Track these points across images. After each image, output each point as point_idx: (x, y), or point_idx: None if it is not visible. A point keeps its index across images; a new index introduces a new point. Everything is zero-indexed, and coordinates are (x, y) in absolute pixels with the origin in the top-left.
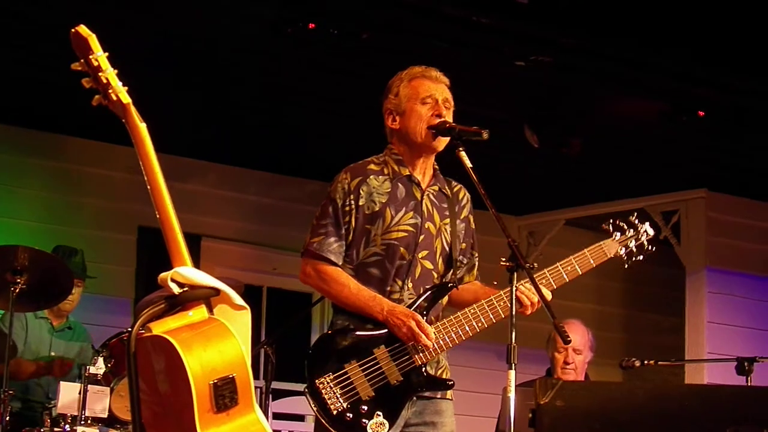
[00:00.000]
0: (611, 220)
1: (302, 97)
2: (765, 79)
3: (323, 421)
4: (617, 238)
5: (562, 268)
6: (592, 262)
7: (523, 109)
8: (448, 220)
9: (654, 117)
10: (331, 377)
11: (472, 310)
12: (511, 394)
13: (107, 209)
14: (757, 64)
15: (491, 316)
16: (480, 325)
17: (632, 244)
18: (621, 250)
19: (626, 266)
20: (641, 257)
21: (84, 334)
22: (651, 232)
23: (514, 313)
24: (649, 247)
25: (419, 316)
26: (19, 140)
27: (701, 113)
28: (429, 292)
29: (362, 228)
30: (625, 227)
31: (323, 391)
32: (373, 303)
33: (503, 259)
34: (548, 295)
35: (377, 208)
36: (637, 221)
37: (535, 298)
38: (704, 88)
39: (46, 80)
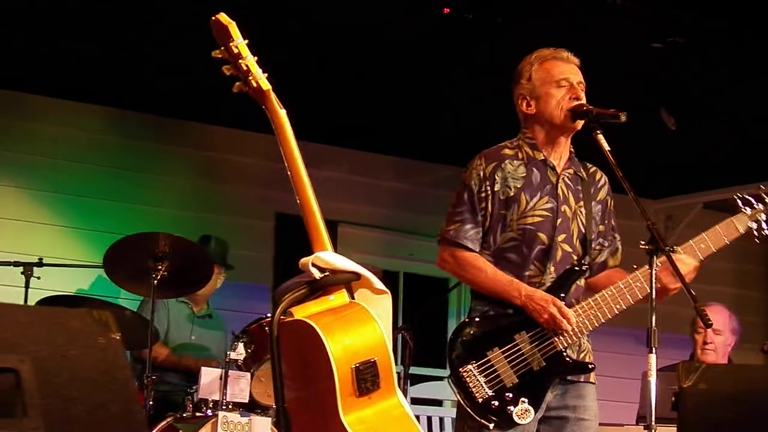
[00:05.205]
0: (739, 195)
1: (436, 83)
2: None
3: (469, 409)
4: (747, 212)
5: (696, 245)
6: (725, 238)
7: (660, 91)
8: (582, 203)
9: None
10: (475, 365)
11: (609, 292)
12: (652, 378)
13: (246, 196)
14: None
15: (629, 297)
16: (618, 306)
17: (762, 217)
18: (752, 224)
19: (757, 240)
20: None
21: (222, 324)
22: None
23: (654, 296)
24: None
25: (559, 301)
26: (160, 129)
27: None
28: (565, 275)
29: (498, 214)
30: (754, 201)
31: (467, 379)
32: (510, 287)
33: (642, 242)
34: (686, 270)
35: (512, 194)
36: (765, 195)
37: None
38: None
39: (190, 71)
